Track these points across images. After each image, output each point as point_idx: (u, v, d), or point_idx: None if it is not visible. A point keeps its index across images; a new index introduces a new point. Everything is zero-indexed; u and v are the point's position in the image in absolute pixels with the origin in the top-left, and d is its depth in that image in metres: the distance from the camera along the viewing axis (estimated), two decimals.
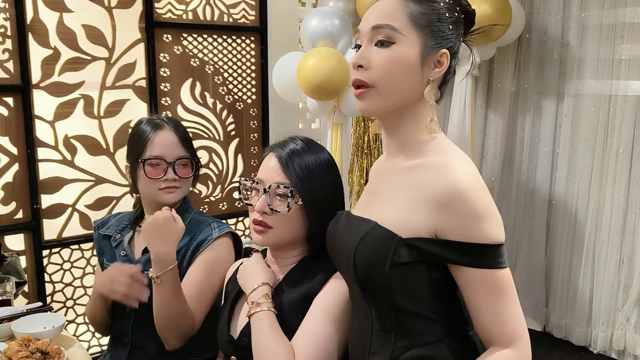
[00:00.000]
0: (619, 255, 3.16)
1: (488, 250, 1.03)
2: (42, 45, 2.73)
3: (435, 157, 1.09)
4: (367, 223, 1.12)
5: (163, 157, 1.70)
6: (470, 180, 1.04)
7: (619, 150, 3.09)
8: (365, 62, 1.10)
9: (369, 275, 1.10)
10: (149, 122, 1.76)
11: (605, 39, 3.10)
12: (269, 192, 1.35)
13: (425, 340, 1.10)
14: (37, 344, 1.43)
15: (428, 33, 1.09)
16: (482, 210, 1.03)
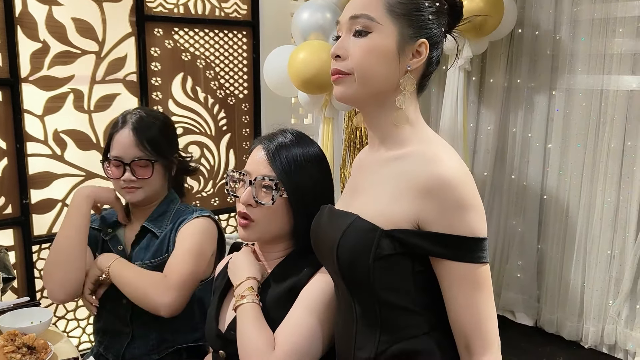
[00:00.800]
0: (610, 250, 3.17)
1: (470, 243, 1.02)
2: (31, 38, 2.71)
3: (417, 147, 1.08)
4: (348, 217, 1.11)
5: (120, 158, 1.69)
6: (455, 170, 1.03)
7: (610, 145, 3.09)
8: (343, 52, 1.10)
9: (352, 269, 1.09)
10: (122, 116, 1.76)
11: (597, 34, 3.10)
12: (254, 185, 1.34)
13: (410, 334, 1.09)
14: (23, 339, 1.43)
15: (405, 22, 1.08)
16: (466, 202, 1.02)
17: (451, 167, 1.03)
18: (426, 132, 1.13)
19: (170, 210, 1.78)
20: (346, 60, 1.10)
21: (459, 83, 3.21)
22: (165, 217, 1.76)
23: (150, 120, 1.74)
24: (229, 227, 3.60)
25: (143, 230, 1.75)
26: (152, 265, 1.69)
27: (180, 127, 3.26)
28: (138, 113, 1.75)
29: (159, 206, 1.78)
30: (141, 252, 1.72)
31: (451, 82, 3.23)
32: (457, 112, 3.23)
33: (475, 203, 1.03)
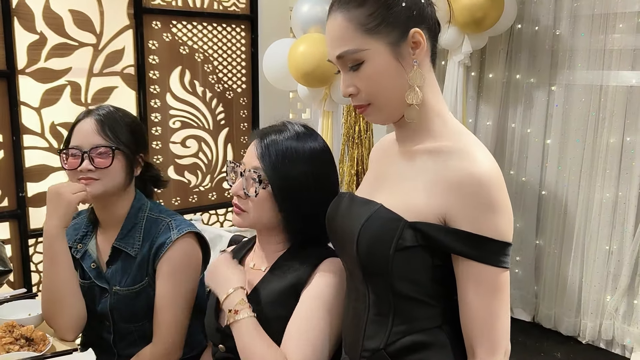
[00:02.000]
0: (608, 245, 3.17)
1: (494, 246, 1.00)
2: (28, 30, 2.69)
3: (451, 142, 1.06)
4: (372, 205, 1.09)
5: (78, 147, 1.56)
6: (489, 170, 1.00)
7: (609, 141, 3.09)
8: (354, 89, 1.09)
9: (372, 258, 1.07)
10: (84, 111, 1.64)
11: (596, 29, 3.10)
12: (245, 176, 1.34)
13: (422, 327, 1.08)
14: (21, 330, 1.41)
15: (386, 29, 1.04)
16: (496, 203, 0.99)
17: (486, 166, 1.00)
18: (457, 125, 1.10)
19: (139, 222, 1.63)
20: (359, 94, 1.09)
21: (458, 78, 3.20)
22: (136, 231, 1.62)
23: (118, 114, 1.63)
24: (226, 222, 3.59)
25: (115, 250, 1.62)
26: (132, 291, 1.59)
27: (178, 121, 3.24)
28: (107, 107, 1.64)
29: (127, 219, 1.63)
30: (117, 275, 1.60)
31: (450, 77, 3.23)
32: (456, 108, 3.22)
33: (505, 206, 1.01)
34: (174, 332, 1.57)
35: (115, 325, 1.62)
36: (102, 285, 1.61)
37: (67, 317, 1.55)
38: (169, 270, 1.57)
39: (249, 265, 1.45)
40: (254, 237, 1.50)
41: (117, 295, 1.59)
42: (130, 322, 1.62)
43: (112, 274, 1.61)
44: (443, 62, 3.63)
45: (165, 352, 1.56)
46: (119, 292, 1.59)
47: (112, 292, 1.60)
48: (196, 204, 3.37)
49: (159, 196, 3.21)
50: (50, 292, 1.55)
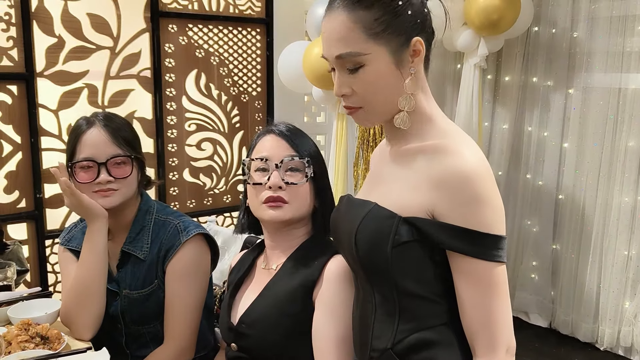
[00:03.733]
0: (627, 251, 3.12)
1: (484, 239, 1.00)
2: (46, 33, 2.72)
3: (437, 140, 1.07)
4: (367, 204, 1.11)
5: (93, 158, 1.52)
6: (473, 164, 1.01)
7: (627, 144, 3.05)
8: (347, 91, 1.07)
9: (371, 256, 1.08)
10: (83, 119, 1.59)
11: (615, 31, 3.06)
12: (280, 167, 1.34)
13: (429, 324, 1.08)
14: (37, 329, 1.42)
15: (390, 35, 1.04)
16: (481, 196, 0.99)
17: (469, 160, 1.01)
18: (446, 124, 1.11)
19: (147, 225, 1.62)
20: (353, 96, 1.08)
21: (474, 81, 3.18)
22: (144, 234, 1.61)
23: (120, 120, 1.61)
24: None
25: (124, 254, 1.61)
26: (142, 294, 1.59)
27: (193, 123, 3.26)
28: (103, 113, 1.60)
29: (135, 223, 1.62)
30: (127, 278, 1.60)
31: (466, 80, 3.21)
32: (472, 111, 3.20)
33: (491, 199, 1.01)
34: (186, 332, 1.57)
35: (127, 327, 1.62)
36: (112, 288, 1.61)
37: (90, 314, 1.54)
38: (179, 272, 1.57)
39: (260, 266, 1.46)
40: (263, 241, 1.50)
41: (128, 298, 1.60)
42: (141, 325, 1.62)
43: (122, 277, 1.61)
44: (459, 65, 3.62)
45: (179, 352, 1.57)
46: (130, 296, 1.60)
47: (122, 295, 1.60)
48: (211, 206, 3.38)
49: (174, 199, 3.22)
50: (81, 284, 1.53)
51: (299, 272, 1.33)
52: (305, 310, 1.29)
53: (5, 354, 1.35)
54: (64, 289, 1.63)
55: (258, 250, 1.51)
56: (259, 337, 1.33)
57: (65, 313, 1.57)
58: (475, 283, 1.02)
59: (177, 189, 3.24)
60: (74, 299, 1.55)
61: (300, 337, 1.29)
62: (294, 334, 1.30)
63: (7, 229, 2.65)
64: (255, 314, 1.35)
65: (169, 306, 1.58)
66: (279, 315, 1.31)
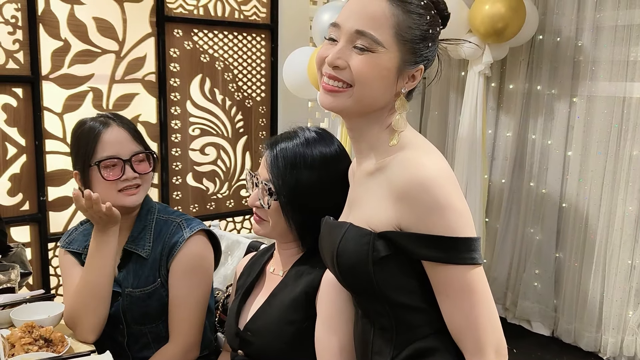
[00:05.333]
0: (631, 259, 3.10)
1: (452, 243, 0.99)
2: (52, 36, 2.73)
3: (399, 153, 1.07)
4: (343, 226, 1.12)
5: (118, 156, 1.55)
6: (430, 172, 1.01)
7: (632, 153, 3.04)
8: (342, 64, 1.06)
9: (355, 276, 1.08)
10: (93, 121, 1.59)
11: (620, 40, 3.06)
12: (259, 188, 1.36)
13: (424, 333, 1.08)
14: (40, 331, 1.42)
15: (409, 49, 1.06)
16: (441, 202, 0.99)
17: (427, 169, 1.01)
18: (409, 137, 1.11)
19: (149, 224, 1.63)
20: (345, 71, 1.06)
21: (478, 89, 3.18)
22: (146, 233, 1.62)
23: (127, 119, 1.65)
24: (243, 230, 3.60)
25: (126, 252, 1.62)
26: (145, 292, 1.59)
27: (197, 128, 3.27)
28: (112, 113, 1.63)
29: (137, 222, 1.63)
30: (130, 277, 1.60)
31: (470, 88, 3.21)
32: (476, 118, 3.20)
33: (451, 202, 1.00)
34: (193, 330, 1.58)
35: (129, 327, 1.62)
36: (114, 289, 1.60)
37: (96, 317, 1.54)
38: (184, 269, 1.58)
39: (269, 270, 1.46)
40: (274, 244, 1.50)
41: (130, 297, 1.59)
42: (143, 324, 1.62)
43: (124, 276, 1.61)
44: (463, 73, 3.62)
45: (186, 350, 1.57)
46: (132, 294, 1.59)
47: (124, 294, 1.60)
48: (214, 211, 3.38)
49: (177, 203, 3.22)
50: (90, 287, 1.54)
51: (302, 279, 1.33)
52: (309, 318, 1.29)
53: (9, 356, 1.35)
54: (67, 291, 1.63)
55: (268, 254, 1.51)
56: (264, 346, 1.32)
57: (71, 316, 1.56)
58: (452, 289, 1.02)
59: (180, 193, 3.24)
60: (81, 302, 1.54)
61: (305, 346, 1.29)
62: (298, 343, 1.30)
63: (11, 232, 2.65)
64: (260, 322, 1.35)
65: (174, 304, 1.58)
66: (283, 324, 1.30)
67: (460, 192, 1.03)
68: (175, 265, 1.58)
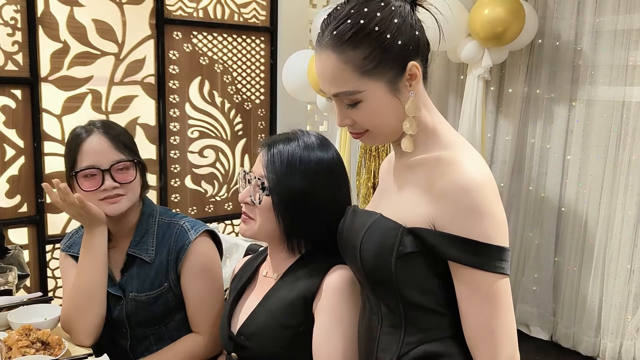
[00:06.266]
0: (630, 264, 3.10)
1: (484, 249, 0.99)
2: (51, 38, 2.73)
3: (440, 152, 1.07)
4: (372, 215, 1.11)
5: (96, 166, 1.52)
6: (472, 175, 1.00)
7: (631, 158, 3.04)
8: (349, 122, 1.09)
9: (376, 267, 1.07)
10: (81, 128, 1.58)
11: (619, 45, 3.06)
12: (252, 184, 1.35)
13: (434, 337, 1.07)
14: (37, 334, 1.41)
15: (383, 69, 1.03)
16: (481, 207, 0.99)
17: (470, 172, 1.01)
18: (450, 136, 1.10)
19: (151, 228, 1.62)
20: (355, 125, 1.09)
21: (477, 92, 3.18)
22: (149, 237, 1.61)
23: (116, 126, 1.62)
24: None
25: (130, 257, 1.60)
26: (151, 297, 1.59)
27: (196, 130, 3.26)
28: (100, 121, 1.61)
29: (139, 226, 1.62)
30: (134, 282, 1.59)
31: (470, 91, 3.21)
32: (475, 122, 3.20)
33: (491, 210, 1.00)
34: (215, 327, 1.59)
35: (132, 330, 1.61)
36: (115, 293, 1.60)
37: (90, 320, 1.53)
38: (197, 271, 1.59)
39: (262, 273, 1.45)
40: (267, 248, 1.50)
41: (135, 301, 1.59)
42: (147, 327, 1.61)
43: (127, 280, 1.60)
44: (462, 77, 3.62)
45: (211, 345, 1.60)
46: (137, 298, 1.58)
47: (128, 298, 1.59)
48: (212, 213, 3.38)
49: (176, 205, 3.22)
50: (81, 290, 1.53)
51: (299, 283, 1.32)
52: (305, 323, 1.28)
53: (6, 359, 1.34)
54: (64, 293, 1.63)
55: (262, 257, 1.50)
56: (258, 350, 1.31)
57: (66, 319, 1.56)
58: (476, 294, 1.01)
59: (178, 195, 3.23)
60: (74, 305, 1.54)
61: (301, 350, 1.28)
62: (293, 346, 1.29)
63: (8, 234, 2.64)
64: (254, 325, 1.33)
65: (194, 304, 1.60)
66: (278, 328, 1.29)
67: (499, 201, 1.03)
68: (186, 268, 1.59)
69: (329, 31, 1.05)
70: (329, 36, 1.04)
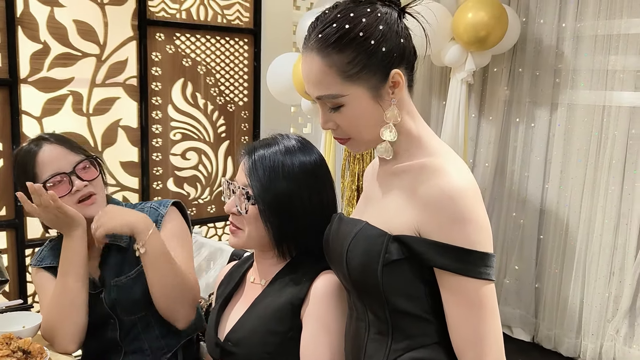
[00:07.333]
0: (610, 266, 3.14)
1: (469, 255, 1.00)
2: (31, 39, 2.68)
3: (425, 159, 1.07)
4: (358, 223, 1.11)
5: (60, 171, 1.55)
6: (456, 182, 1.01)
7: (611, 161, 3.08)
8: (332, 125, 1.10)
9: (362, 275, 1.08)
10: (27, 146, 1.60)
11: (600, 50, 3.10)
12: (236, 194, 1.33)
13: (421, 343, 1.07)
14: (18, 343, 1.38)
15: (367, 75, 1.04)
16: (464, 214, 1.00)
17: (454, 179, 1.01)
18: (434, 143, 1.11)
19: None
20: (339, 129, 1.10)
21: (460, 96, 3.19)
22: None
23: (62, 135, 1.66)
24: (225, 235, 3.57)
25: (106, 248, 1.63)
26: (130, 277, 1.61)
27: (178, 132, 3.23)
28: (46, 133, 1.65)
29: None
30: (112, 270, 1.62)
31: (453, 95, 3.22)
32: (458, 125, 3.22)
33: (475, 216, 1.01)
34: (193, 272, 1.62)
35: (120, 321, 1.62)
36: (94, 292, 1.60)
37: (74, 325, 1.54)
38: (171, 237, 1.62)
39: (249, 280, 1.44)
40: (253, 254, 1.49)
41: (117, 287, 1.60)
42: (133, 313, 1.62)
43: (107, 273, 1.61)
44: (445, 80, 3.64)
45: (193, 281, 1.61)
46: (118, 283, 1.61)
47: (111, 287, 1.60)
48: (195, 216, 3.35)
49: None
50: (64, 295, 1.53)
51: (287, 289, 1.31)
52: (293, 329, 1.28)
53: None
54: (43, 305, 1.61)
55: (248, 263, 1.49)
56: (245, 356, 1.30)
57: (48, 326, 1.55)
58: (462, 301, 1.01)
59: (160, 198, 3.20)
60: (58, 311, 1.53)
61: (288, 356, 1.27)
62: (281, 353, 1.28)
63: None
64: (242, 332, 1.32)
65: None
66: (266, 334, 1.28)
67: (483, 208, 1.03)
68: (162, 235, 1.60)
69: (315, 34, 1.05)
70: (315, 39, 1.05)
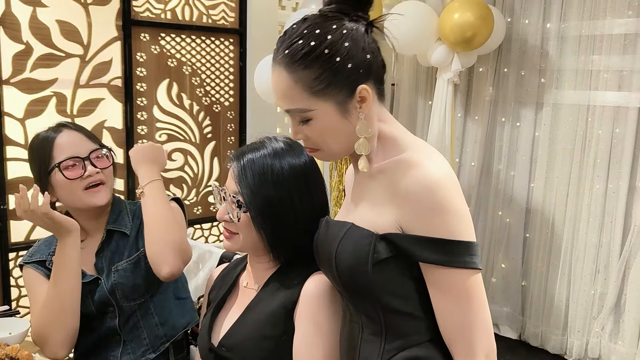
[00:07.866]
0: (595, 264, 3.18)
1: (452, 246, 1.00)
2: (13, 39, 2.64)
3: (399, 155, 1.08)
4: (344, 225, 1.11)
5: (76, 155, 1.58)
6: (433, 174, 1.01)
7: (596, 160, 3.12)
8: (302, 136, 1.11)
9: (352, 276, 1.08)
10: (45, 131, 1.62)
11: (584, 50, 3.14)
12: (227, 201, 1.33)
13: (414, 342, 1.07)
14: (6, 350, 1.35)
15: (333, 91, 1.04)
16: (443, 205, 1.00)
17: (428, 170, 1.01)
18: (407, 139, 1.11)
19: (123, 209, 1.70)
20: (308, 141, 1.11)
21: (447, 96, 3.21)
22: (124, 215, 1.69)
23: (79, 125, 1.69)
24: (211, 237, 3.54)
25: (109, 234, 1.65)
26: (131, 262, 1.63)
27: (164, 133, 3.20)
28: (65, 122, 1.67)
29: (113, 207, 1.68)
30: (114, 257, 1.63)
31: (439, 95, 3.24)
32: (445, 125, 3.23)
33: (454, 206, 1.01)
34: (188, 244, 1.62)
35: (120, 308, 1.61)
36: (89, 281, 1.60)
37: (66, 330, 1.53)
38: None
39: (242, 284, 1.43)
40: (246, 256, 1.47)
41: (118, 272, 1.61)
42: (132, 300, 1.62)
43: (109, 259, 1.63)
44: (432, 81, 3.65)
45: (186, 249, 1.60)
46: (119, 267, 1.61)
47: (111, 272, 1.61)
48: None
49: None
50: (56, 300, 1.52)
51: (280, 293, 1.30)
52: (287, 333, 1.27)
53: None
54: (34, 308, 1.58)
55: (240, 266, 1.48)
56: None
57: (39, 331, 1.53)
58: (449, 292, 1.02)
59: None
60: (49, 316, 1.52)
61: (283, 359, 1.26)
62: (275, 356, 1.27)
63: None
64: (236, 337, 1.31)
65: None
66: (260, 339, 1.28)
67: (462, 196, 1.04)
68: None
69: (282, 49, 1.06)
70: (282, 54, 1.06)
